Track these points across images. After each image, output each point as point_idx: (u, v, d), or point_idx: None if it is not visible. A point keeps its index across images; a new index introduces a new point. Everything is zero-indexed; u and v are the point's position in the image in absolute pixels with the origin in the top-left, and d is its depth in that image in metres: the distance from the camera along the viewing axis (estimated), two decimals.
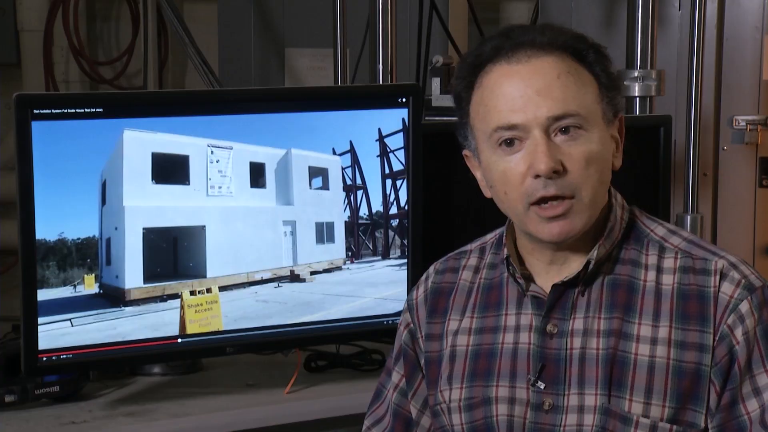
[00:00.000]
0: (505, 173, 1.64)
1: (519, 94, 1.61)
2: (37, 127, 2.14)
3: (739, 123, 3.35)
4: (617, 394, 1.61)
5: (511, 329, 1.70)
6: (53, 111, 2.16)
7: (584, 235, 1.66)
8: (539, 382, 1.65)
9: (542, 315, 1.67)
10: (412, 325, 1.82)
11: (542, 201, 1.61)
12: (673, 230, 1.71)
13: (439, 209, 2.63)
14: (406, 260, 2.49)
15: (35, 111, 2.14)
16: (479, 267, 1.79)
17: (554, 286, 1.66)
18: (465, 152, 1.75)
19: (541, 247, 1.68)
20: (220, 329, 2.36)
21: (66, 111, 2.18)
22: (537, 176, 1.60)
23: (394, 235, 2.50)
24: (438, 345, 1.77)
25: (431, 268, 1.85)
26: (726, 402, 1.60)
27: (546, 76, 1.61)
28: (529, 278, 1.70)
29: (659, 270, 1.65)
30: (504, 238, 1.74)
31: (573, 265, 1.67)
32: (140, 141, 2.25)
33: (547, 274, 1.69)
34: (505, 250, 1.72)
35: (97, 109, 2.20)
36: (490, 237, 1.82)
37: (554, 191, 1.60)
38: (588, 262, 1.65)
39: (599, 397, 1.62)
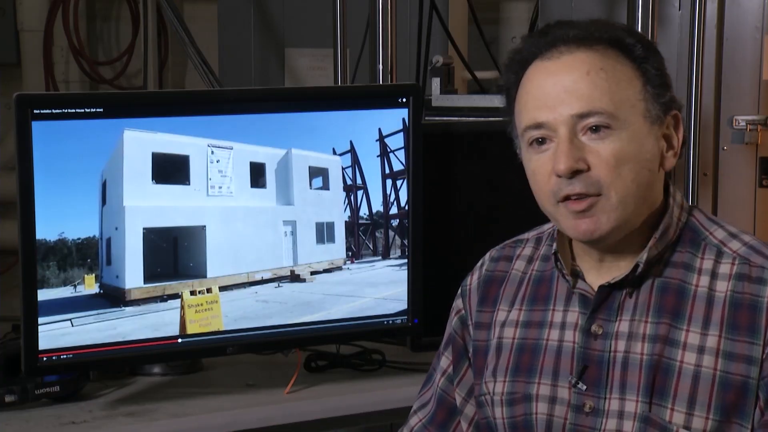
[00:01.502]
0: (534, 172, 1.62)
1: (547, 92, 1.59)
2: (37, 127, 2.14)
3: (739, 123, 3.35)
4: (659, 402, 1.57)
5: (557, 326, 1.68)
6: (53, 111, 2.16)
7: (635, 234, 1.62)
8: (580, 384, 1.62)
9: (587, 314, 1.64)
10: (463, 311, 1.81)
11: (568, 197, 1.58)
12: (734, 233, 1.64)
13: (439, 209, 2.63)
14: (406, 260, 2.49)
15: (35, 111, 2.14)
16: (533, 258, 1.77)
17: (601, 287, 1.63)
18: (518, 152, 1.70)
19: (587, 245, 1.65)
20: (221, 329, 2.36)
21: (66, 111, 2.18)
22: (560, 176, 1.57)
23: (394, 235, 2.50)
24: (486, 334, 1.76)
25: (487, 255, 1.83)
26: None
27: (574, 73, 1.58)
28: (578, 275, 1.67)
29: (714, 275, 1.60)
30: (556, 231, 1.70)
31: (622, 264, 1.63)
32: (140, 141, 2.25)
33: (597, 272, 1.65)
34: (555, 245, 1.69)
35: (97, 109, 2.20)
36: (547, 227, 1.79)
37: (578, 189, 1.56)
38: (636, 265, 1.61)
39: (640, 404, 1.58)
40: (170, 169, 2.29)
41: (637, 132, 1.58)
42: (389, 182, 2.48)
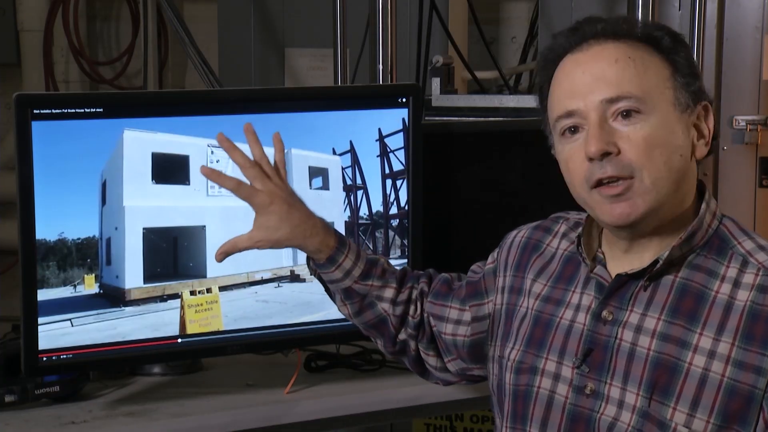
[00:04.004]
0: (567, 161, 1.66)
1: (577, 81, 1.63)
2: (37, 127, 2.14)
3: (739, 123, 3.35)
4: (660, 399, 1.59)
5: (573, 307, 1.72)
6: (53, 111, 2.16)
7: (663, 229, 1.65)
8: (584, 366, 1.66)
9: (600, 299, 1.68)
10: (496, 263, 1.91)
11: (601, 183, 1.61)
12: (763, 246, 1.66)
13: (439, 209, 2.63)
14: (406, 260, 2.49)
15: (35, 111, 2.14)
16: (567, 234, 1.82)
17: (617, 275, 1.67)
18: (552, 151, 1.75)
19: (617, 236, 1.68)
20: (220, 329, 2.36)
21: (66, 111, 2.18)
22: (591, 159, 1.60)
23: (394, 235, 2.50)
24: (517, 299, 1.83)
25: (529, 224, 1.90)
26: None
27: (603, 62, 1.62)
28: (601, 261, 1.71)
29: (736, 284, 1.61)
30: (585, 217, 1.76)
31: (646, 257, 1.66)
32: (140, 141, 2.25)
33: (620, 261, 1.69)
34: (580, 229, 1.75)
35: (97, 109, 2.20)
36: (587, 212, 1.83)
37: (611, 172, 1.60)
38: (656, 261, 1.64)
39: (640, 399, 1.61)
40: (170, 169, 2.29)
41: (667, 118, 1.62)
42: (389, 182, 2.48)
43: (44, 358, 2.20)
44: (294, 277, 2.42)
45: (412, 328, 1.97)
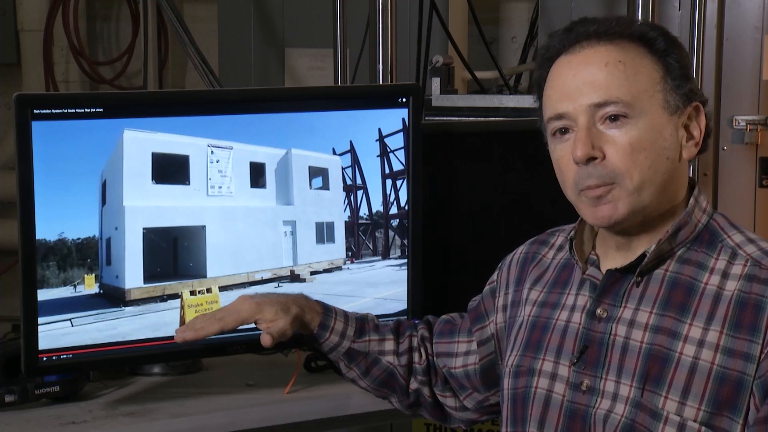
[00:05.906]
0: (558, 161, 1.70)
1: (568, 84, 1.66)
2: (37, 127, 2.14)
3: (739, 123, 3.35)
4: (653, 389, 1.62)
5: (568, 308, 1.75)
6: (53, 111, 2.16)
7: (653, 226, 1.68)
8: (580, 362, 1.69)
9: (594, 298, 1.70)
10: (495, 283, 1.94)
11: (588, 188, 1.65)
12: (752, 239, 1.69)
13: (439, 209, 2.63)
14: (406, 260, 2.49)
15: (35, 111, 2.14)
16: (563, 246, 1.85)
17: (608, 271, 1.69)
18: (547, 147, 1.78)
19: (605, 233, 1.72)
20: None
21: (66, 111, 2.17)
22: (578, 163, 1.64)
23: (394, 235, 2.50)
24: (516, 311, 1.86)
25: (528, 240, 1.94)
26: (762, 416, 1.57)
27: (593, 65, 1.65)
28: (594, 263, 1.73)
29: (725, 275, 1.64)
30: (578, 220, 1.79)
31: (637, 253, 1.69)
32: (140, 141, 2.25)
33: (613, 260, 1.71)
34: (573, 232, 1.78)
35: (97, 109, 2.20)
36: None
37: (595, 180, 1.64)
38: (643, 255, 1.66)
39: (633, 390, 1.63)
40: (170, 169, 2.29)
41: (655, 121, 1.64)
42: (389, 182, 2.48)
43: (44, 358, 2.20)
44: (294, 277, 2.42)
45: (421, 375, 2.00)
